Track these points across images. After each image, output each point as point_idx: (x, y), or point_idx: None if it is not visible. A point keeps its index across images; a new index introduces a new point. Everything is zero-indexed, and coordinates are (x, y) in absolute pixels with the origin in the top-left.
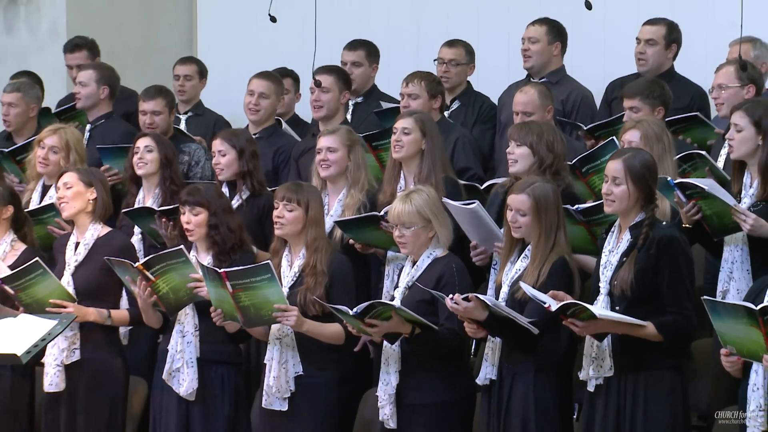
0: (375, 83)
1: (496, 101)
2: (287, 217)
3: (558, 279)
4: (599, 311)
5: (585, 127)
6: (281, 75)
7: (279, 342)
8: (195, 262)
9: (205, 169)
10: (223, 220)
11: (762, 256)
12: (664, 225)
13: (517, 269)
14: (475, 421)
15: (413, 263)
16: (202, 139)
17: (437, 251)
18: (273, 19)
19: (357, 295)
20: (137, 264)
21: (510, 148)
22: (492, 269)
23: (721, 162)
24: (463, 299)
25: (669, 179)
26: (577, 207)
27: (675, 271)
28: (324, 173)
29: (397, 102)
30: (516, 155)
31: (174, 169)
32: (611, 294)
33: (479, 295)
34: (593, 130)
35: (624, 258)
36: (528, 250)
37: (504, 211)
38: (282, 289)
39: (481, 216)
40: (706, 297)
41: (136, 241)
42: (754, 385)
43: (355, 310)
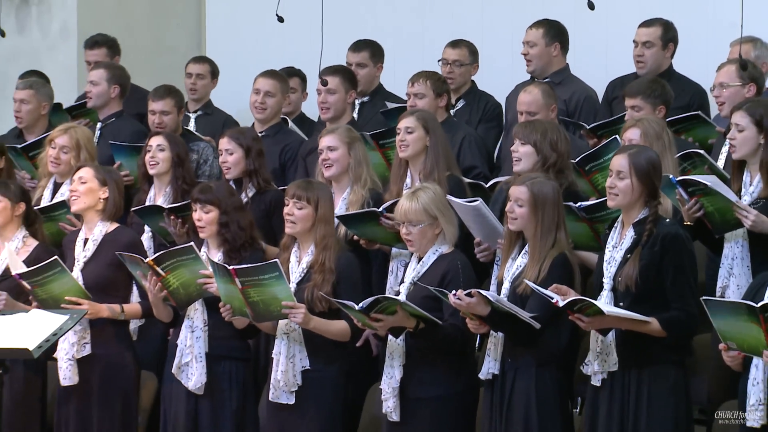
0: (380, 83)
1: (500, 100)
2: (297, 215)
3: (558, 274)
4: (606, 307)
5: (588, 127)
6: (288, 74)
7: (286, 336)
8: (206, 258)
9: (213, 168)
10: (234, 218)
11: (762, 252)
12: (667, 222)
13: (518, 265)
14: (479, 415)
15: (419, 259)
16: (211, 139)
17: (443, 248)
18: (280, 20)
19: (363, 292)
20: (148, 259)
21: (514, 146)
22: (495, 265)
23: (722, 160)
24: (466, 295)
25: (671, 177)
26: (580, 204)
27: (679, 268)
28: (327, 173)
29: (403, 101)
30: (520, 153)
31: (186, 168)
32: (615, 290)
33: (482, 291)
34: (596, 129)
35: (628, 255)
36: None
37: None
38: (290, 287)
39: (484, 213)
40: (705, 297)
41: (146, 239)
42: (754, 380)
43: (361, 305)
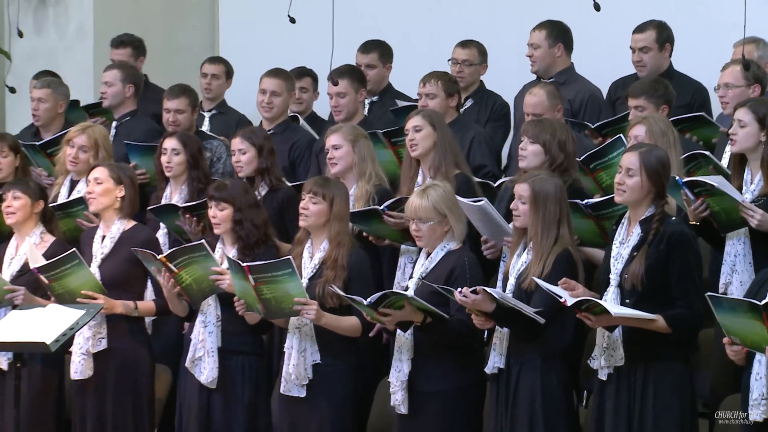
0: (390, 82)
1: (507, 100)
2: (311, 210)
3: (562, 270)
4: (613, 309)
5: (592, 126)
6: (300, 74)
7: (298, 331)
8: (221, 254)
9: (226, 166)
10: (248, 215)
11: (764, 248)
12: (673, 220)
13: (523, 261)
14: (486, 409)
15: (427, 255)
16: (225, 139)
17: (451, 244)
18: (292, 20)
19: (374, 289)
20: (160, 256)
21: (523, 143)
22: (501, 261)
23: (725, 160)
24: (471, 292)
25: (677, 178)
26: (587, 201)
27: (684, 267)
28: (333, 171)
29: (412, 100)
30: (528, 152)
31: (201, 168)
32: (621, 286)
33: (486, 288)
34: (600, 128)
35: (635, 252)
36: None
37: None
38: (302, 284)
39: (489, 212)
40: (710, 293)
41: (161, 236)
42: (756, 374)
43: (369, 299)
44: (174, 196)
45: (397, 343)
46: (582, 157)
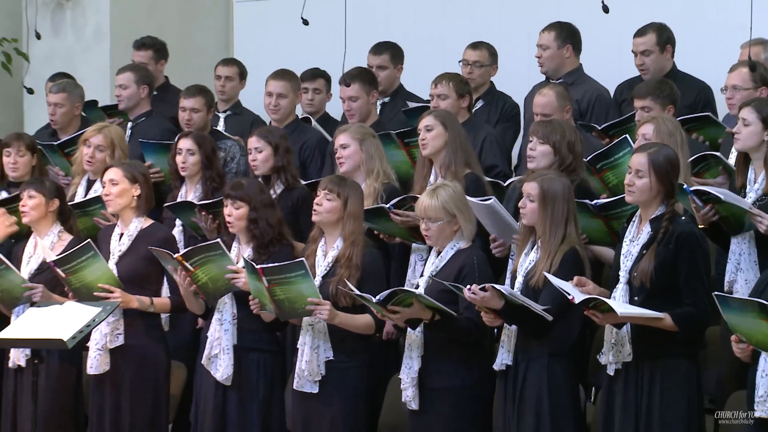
0: (401, 83)
1: (517, 101)
2: (324, 206)
3: (569, 268)
4: (619, 309)
5: (599, 127)
6: (313, 75)
7: (311, 328)
8: (237, 253)
9: (240, 165)
10: (263, 215)
11: None
12: (683, 220)
13: (531, 260)
14: (495, 405)
15: (437, 253)
16: (239, 138)
17: (461, 243)
18: (305, 22)
19: (387, 287)
20: (176, 255)
21: (532, 143)
22: (510, 260)
23: (732, 160)
24: (480, 290)
25: (685, 186)
26: (596, 202)
27: (693, 266)
28: (341, 169)
29: (423, 101)
30: (537, 152)
31: (215, 168)
32: (630, 283)
33: (495, 285)
34: (607, 129)
35: (644, 250)
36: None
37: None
38: (315, 284)
39: (498, 211)
40: (717, 293)
41: (176, 233)
42: (762, 371)
43: (378, 297)
44: (189, 195)
45: (408, 341)
46: (589, 158)
